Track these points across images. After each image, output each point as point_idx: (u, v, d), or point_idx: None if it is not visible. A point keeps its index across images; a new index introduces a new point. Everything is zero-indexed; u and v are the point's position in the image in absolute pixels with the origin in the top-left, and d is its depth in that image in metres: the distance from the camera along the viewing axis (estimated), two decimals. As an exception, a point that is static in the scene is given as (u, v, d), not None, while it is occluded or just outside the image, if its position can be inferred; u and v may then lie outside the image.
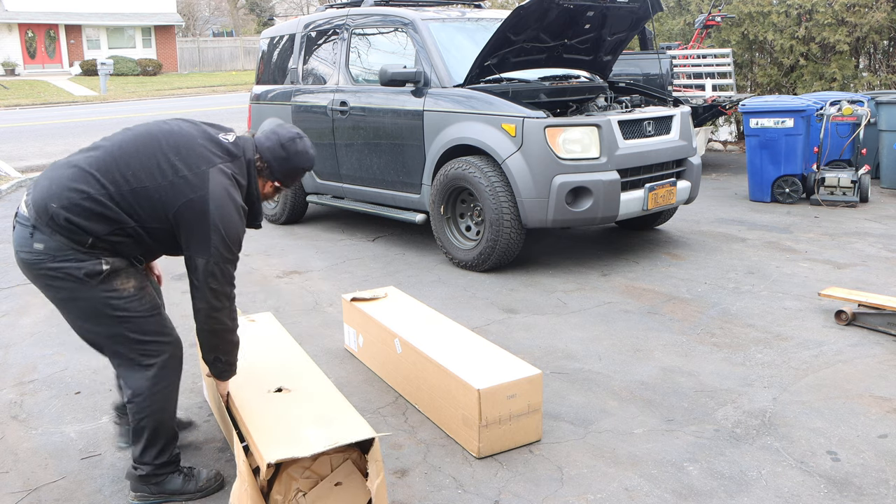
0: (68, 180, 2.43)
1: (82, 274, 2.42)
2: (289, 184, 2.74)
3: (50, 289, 2.49)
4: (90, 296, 2.45)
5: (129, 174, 2.44)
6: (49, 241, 2.41)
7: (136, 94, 26.18)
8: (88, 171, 2.44)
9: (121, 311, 2.48)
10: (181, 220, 2.45)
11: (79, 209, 2.40)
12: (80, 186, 2.41)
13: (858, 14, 8.95)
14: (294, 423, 2.58)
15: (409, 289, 4.93)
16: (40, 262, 2.43)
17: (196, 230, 2.46)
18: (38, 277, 2.49)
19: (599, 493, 2.71)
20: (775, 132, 7.26)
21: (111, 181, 2.43)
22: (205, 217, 2.44)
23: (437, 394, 3.16)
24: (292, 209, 7.02)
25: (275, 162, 2.65)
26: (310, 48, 6.86)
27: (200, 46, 39.29)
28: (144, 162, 2.46)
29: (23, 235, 2.45)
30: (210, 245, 2.45)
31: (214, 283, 2.50)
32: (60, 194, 2.41)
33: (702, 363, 3.78)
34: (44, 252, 2.42)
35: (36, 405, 3.50)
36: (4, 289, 5.32)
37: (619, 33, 6.01)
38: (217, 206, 2.45)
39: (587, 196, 5.07)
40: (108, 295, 2.46)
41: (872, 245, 5.81)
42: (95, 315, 2.49)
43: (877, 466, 2.83)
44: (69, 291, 2.46)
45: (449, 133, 5.43)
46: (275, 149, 2.65)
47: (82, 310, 2.50)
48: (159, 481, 2.68)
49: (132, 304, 2.50)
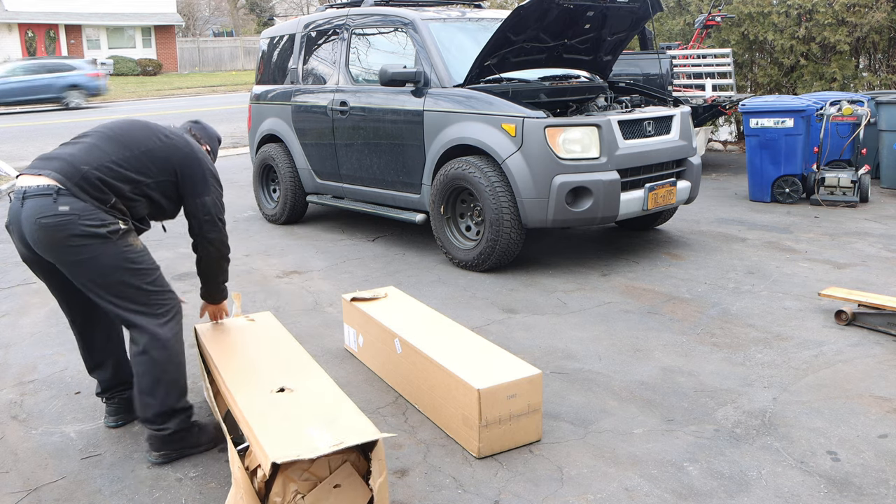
0: (92, 149, 2.85)
1: (106, 231, 2.74)
2: (213, 148, 3.41)
3: (72, 249, 2.73)
4: (112, 251, 2.76)
5: (134, 143, 2.93)
6: (75, 203, 2.72)
7: (136, 94, 26.19)
8: (102, 144, 2.88)
9: (137, 263, 2.82)
10: (184, 168, 2.99)
11: (107, 170, 2.81)
12: (105, 152, 2.85)
13: (858, 14, 8.95)
14: (298, 424, 2.56)
15: (409, 289, 4.93)
16: (67, 223, 2.69)
17: (196, 175, 3.01)
18: (60, 240, 2.71)
19: (599, 493, 2.71)
20: (775, 132, 7.26)
21: (124, 147, 2.89)
22: (199, 164, 3.03)
23: (437, 394, 3.16)
24: (292, 209, 7.02)
25: (199, 131, 3.37)
26: (310, 48, 6.86)
27: (200, 46, 39.30)
28: (139, 134, 2.97)
29: (43, 203, 2.70)
30: (209, 184, 3.04)
31: (219, 213, 3.07)
32: (89, 160, 2.81)
33: (702, 363, 3.78)
34: (70, 213, 2.70)
35: (36, 405, 3.50)
36: (4, 289, 5.32)
37: (619, 33, 6.02)
38: (203, 155, 3.09)
39: (587, 196, 5.07)
40: (126, 250, 2.80)
41: (872, 245, 5.81)
42: (116, 269, 2.78)
43: (877, 466, 2.83)
44: (93, 249, 2.73)
45: (449, 133, 5.43)
46: (194, 125, 3.41)
47: (104, 266, 2.76)
48: (181, 437, 2.95)
49: (144, 257, 2.87)
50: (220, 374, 3.01)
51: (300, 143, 6.82)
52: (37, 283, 5.39)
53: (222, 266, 3.23)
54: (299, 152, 6.84)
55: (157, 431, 2.92)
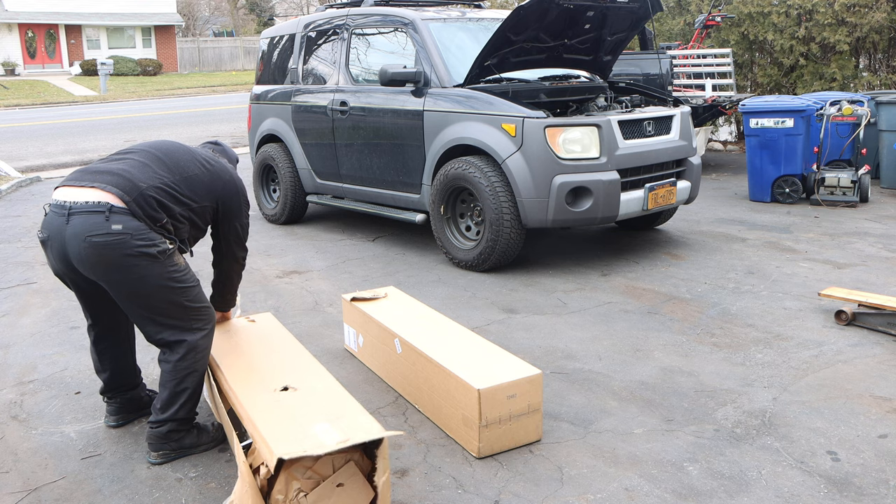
0: (146, 168, 2.88)
1: (156, 252, 2.77)
2: None
3: (122, 269, 2.74)
4: (159, 271, 2.79)
5: (179, 168, 2.96)
6: (129, 222, 2.72)
7: (136, 94, 26.19)
8: (153, 165, 2.91)
9: (180, 283, 2.86)
10: (225, 197, 3.09)
11: (162, 191, 2.85)
12: (157, 173, 2.88)
13: (858, 14, 8.95)
14: (303, 421, 2.55)
15: (409, 289, 4.93)
16: (119, 243, 2.70)
17: (233, 202, 3.13)
18: (111, 259, 2.71)
19: (599, 493, 2.71)
20: (775, 132, 7.26)
21: (171, 171, 2.93)
22: (237, 193, 3.14)
23: (437, 394, 3.16)
24: (292, 209, 7.02)
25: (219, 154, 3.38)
26: (310, 48, 6.86)
27: (200, 46, 39.29)
28: (183, 158, 3.01)
29: (94, 221, 2.69)
30: (242, 211, 3.19)
31: (245, 236, 3.25)
32: (144, 178, 2.84)
33: (702, 363, 3.78)
34: (123, 232, 2.70)
35: (36, 405, 3.51)
36: (4, 289, 5.32)
37: (619, 33, 6.01)
38: (239, 182, 3.19)
39: (587, 196, 5.07)
40: (171, 269, 2.83)
41: (872, 245, 5.81)
42: (162, 288, 2.81)
43: (877, 466, 2.83)
44: (142, 269, 2.75)
45: (449, 133, 5.43)
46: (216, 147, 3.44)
47: (151, 285, 2.79)
48: (180, 437, 2.98)
49: (187, 276, 2.91)
50: (223, 373, 3.01)
51: (300, 143, 6.82)
52: (37, 283, 5.40)
53: (240, 280, 3.42)
54: (299, 152, 6.84)
55: (156, 428, 2.94)
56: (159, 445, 2.96)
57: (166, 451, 2.97)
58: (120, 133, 15.01)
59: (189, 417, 3.01)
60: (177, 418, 2.95)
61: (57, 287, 5.28)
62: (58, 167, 11.13)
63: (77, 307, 4.82)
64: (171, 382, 2.92)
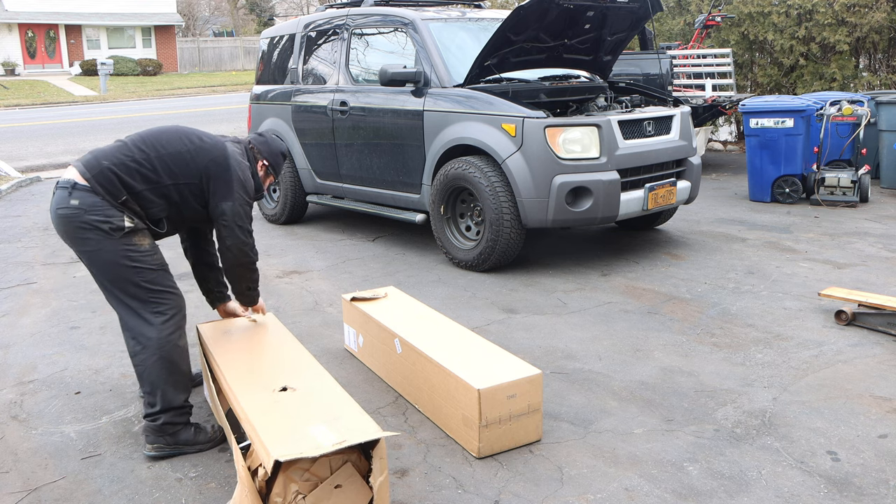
0: (120, 147, 3.03)
1: (108, 227, 2.89)
2: (273, 162, 3.42)
3: (78, 241, 2.94)
4: (112, 247, 2.91)
5: (162, 145, 3.05)
6: (86, 198, 2.89)
7: (136, 94, 26.18)
8: (131, 143, 3.04)
9: (136, 262, 2.93)
10: (210, 172, 3.06)
11: (123, 167, 2.95)
12: (126, 151, 3.00)
13: (858, 14, 8.96)
14: (301, 422, 2.55)
15: (409, 289, 4.93)
16: (75, 216, 2.89)
17: (221, 179, 3.07)
18: (70, 230, 2.94)
19: (599, 493, 2.71)
20: (775, 132, 7.26)
21: (150, 148, 3.03)
22: (227, 169, 3.08)
23: (437, 394, 3.16)
24: (292, 209, 7.02)
25: (260, 145, 3.41)
26: (310, 48, 6.86)
27: (200, 46, 39.28)
28: (173, 137, 3.09)
29: (61, 196, 2.94)
30: (233, 191, 3.08)
31: (240, 221, 3.11)
32: (110, 155, 2.98)
33: (702, 363, 3.78)
34: (78, 207, 2.89)
35: (36, 405, 3.51)
36: (4, 289, 5.32)
37: (619, 33, 6.01)
38: (235, 161, 3.11)
39: (587, 196, 5.07)
40: (127, 247, 2.92)
41: (872, 245, 5.81)
42: (115, 264, 2.92)
43: (877, 466, 2.83)
44: (95, 243, 2.91)
45: (449, 133, 5.43)
46: (256, 138, 3.46)
47: (105, 260, 2.92)
48: (175, 431, 3.00)
49: (146, 258, 2.96)
50: (223, 373, 3.01)
51: (300, 143, 6.82)
52: (37, 283, 5.40)
53: (243, 273, 3.31)
54: (299, 152, 6.84)
55: (150, 421, 2.99)
56: (155, 438, 3.00)
57: (161, 444, 3.00)
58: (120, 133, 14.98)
59: (182, 405, 3.04)
60: (170, 407, 2.99)
61: (57, 287, 5.28)
62: (58, 167, 11.13)
63: (77, 307, 4.83)
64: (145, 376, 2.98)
